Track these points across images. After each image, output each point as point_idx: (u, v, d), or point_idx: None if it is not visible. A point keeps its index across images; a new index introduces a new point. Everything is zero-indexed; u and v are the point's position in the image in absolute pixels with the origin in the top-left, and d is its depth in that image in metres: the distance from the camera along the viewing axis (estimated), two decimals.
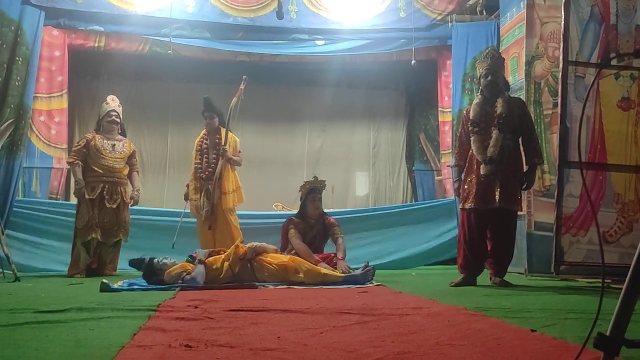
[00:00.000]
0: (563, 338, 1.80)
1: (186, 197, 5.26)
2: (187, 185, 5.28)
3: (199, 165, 5.17)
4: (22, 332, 1.98)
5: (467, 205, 4.07)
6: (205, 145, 5.21)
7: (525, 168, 4.11)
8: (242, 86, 5.26)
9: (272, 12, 6.05)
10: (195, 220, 5.26)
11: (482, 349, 1.66)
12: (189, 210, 5.23)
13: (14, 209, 5.49)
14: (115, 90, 5.95)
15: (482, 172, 3.97)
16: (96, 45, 6.46)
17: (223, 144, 5.10)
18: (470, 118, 4.12)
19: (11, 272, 4.40)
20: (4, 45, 5.30)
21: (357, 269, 4.44)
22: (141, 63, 7.07)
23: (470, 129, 4.11)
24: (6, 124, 5.35)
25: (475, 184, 4.03)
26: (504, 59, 4.36)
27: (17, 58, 5.45)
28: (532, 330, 1.93)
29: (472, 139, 4.08)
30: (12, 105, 5.41)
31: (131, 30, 6.31)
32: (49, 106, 6.21)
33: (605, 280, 2.11)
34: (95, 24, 6.13)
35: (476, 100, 4.18)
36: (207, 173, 5.12)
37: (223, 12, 6.30)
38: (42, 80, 6.11)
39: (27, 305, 2.70)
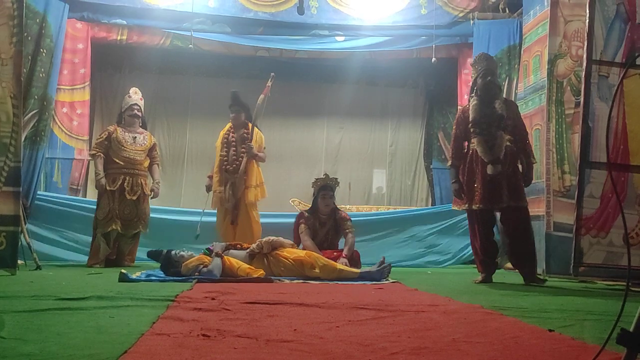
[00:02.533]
0: (581, 338, 1.79)
1: (208, 189, 5.31)
2: (209, 177, 5.32)
3: (225, 158, 5.20)
4: (44, 318, 2.03)
5: (474, 207, 4.14)
6: (233, 139, 5.24)
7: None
8: (269, 83, 5.29)
9: (293, 7, 6.08)
10: (214, 212, 5.31)
11: (499, 347, 1.65)
12: (209, 205, 5.29)
13: (36, 200, 5.59)
14: (136, 83, 6.01)
15: (489, 172, 4.04)
16: (118, 38, 6.54)
17: (250, 140, 5.13)
18: (472, 119, 4.18)
19: (33, 261, 4.48)
20: (29, 37, 5.37)
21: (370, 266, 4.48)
22: (162, 57, 7.14)
23: (472, 130, 4.17)
24: (30, 114, 5.43)
25: (482, 185, 4.07)
26: (496, 63, 4.47)
27: (41, 50, 5.54)
28: (550, 330, 1.91)
29: (475, 140, 4.15)
30: (36, 97, 5.49)
31: (153, 24, 6.37)
32: (71, 98, 6.31)
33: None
34: (118, 17, 6.22)
35: (474, 102, 4.24)
36: (233, 166, 5.15)
37: (244, 6, 6.33)
38: (65, 72, 6.20)
39: (48, 292, 2.76)
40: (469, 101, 4.34)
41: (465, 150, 4.31)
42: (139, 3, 6.15)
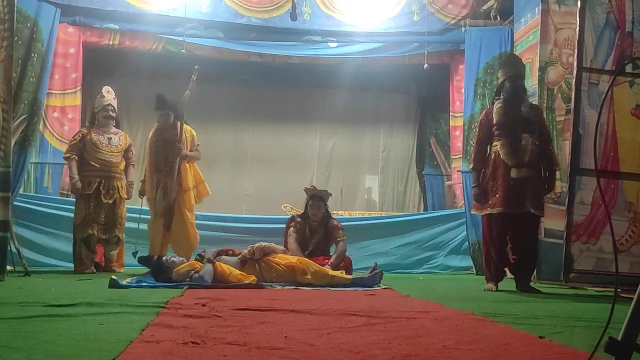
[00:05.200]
0: (571, 345, 1.79)
1: (141, 194, 5.16)
2: (142, 181, 5.19)
3: (155, 161, 5.05)
4: (32, 325, 2.01)
5: (496, 210, 4.01)
6: (161, 141, 5.08)
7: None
8: (193, 77, 5.23)
9: (286, 13, 6.07)
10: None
11: (489, 354, 1.65)
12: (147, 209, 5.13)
13: (29, 205, 5.57)
14: (128, 88, 5.98)
15: (514, 175, 3.96)
16: (110, 43, 6.50)
17: (179, 141, 4.99)
18: (496, 122, 4.09)
19: (22, 267, 4.44)
20: (20, 42, 5.33)
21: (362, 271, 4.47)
22: (155, 62, 7.11)
23: (496, 132, 4.09)
24: (20, 119, 5.38)
25: (504, 189, 3.99)
26: (524, 65, 4.43)
27: (32, 54, 5.50)
28: (541, 337, 1.91)
29: (499, 143, 4.05)
30: (26, 101, 5.44)
31: (145, 28, 6.35)
32: (62, 102, 6.26)
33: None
34: (110, 22, 6.19)
35: (499, 105, 4.15)
36: (165, 169, 4.99)
37: (237, 12, 6.33)
38: (57, 76, 6.16)
39: (37, 299, 2.73)
40: (493, 104, 4.25)
41: (488, 154, 4.19)
42: (131, 8, 6.13)
